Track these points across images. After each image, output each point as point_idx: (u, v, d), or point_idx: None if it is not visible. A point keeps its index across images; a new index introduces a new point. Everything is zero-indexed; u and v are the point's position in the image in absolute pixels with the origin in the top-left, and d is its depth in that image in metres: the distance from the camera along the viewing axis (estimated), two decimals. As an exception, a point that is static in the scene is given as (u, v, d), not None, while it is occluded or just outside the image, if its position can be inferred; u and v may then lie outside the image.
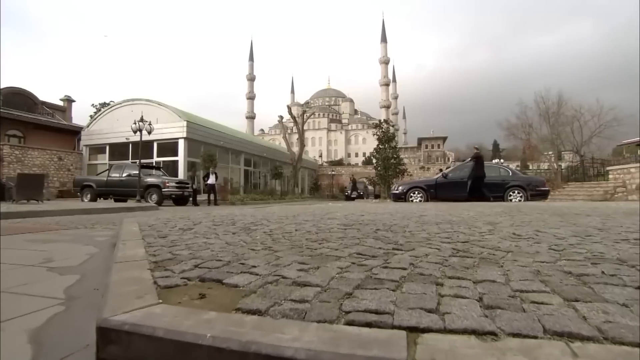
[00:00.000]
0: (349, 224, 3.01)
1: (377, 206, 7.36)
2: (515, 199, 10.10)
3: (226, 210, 6.89)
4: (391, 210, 5.22)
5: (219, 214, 4.94)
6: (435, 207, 6.33)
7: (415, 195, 10.67)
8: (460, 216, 3.91)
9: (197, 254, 1.68)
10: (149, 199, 13.54)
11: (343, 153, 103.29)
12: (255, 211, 5.79)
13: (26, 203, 10.11)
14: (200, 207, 13.79)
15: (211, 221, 3.47)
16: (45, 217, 6.61)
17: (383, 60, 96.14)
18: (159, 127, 19.37)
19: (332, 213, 4.65)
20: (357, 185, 29.76)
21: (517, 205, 7.35)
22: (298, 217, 3.98)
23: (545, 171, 36.23)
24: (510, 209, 5.50)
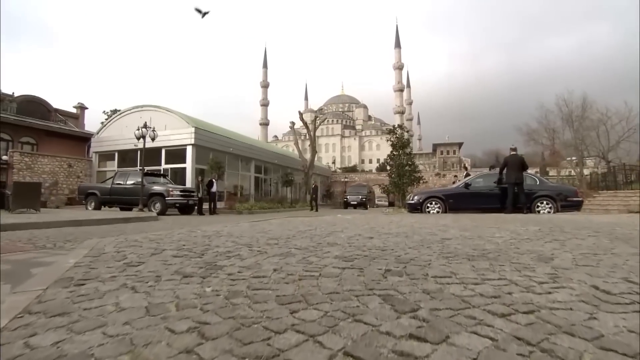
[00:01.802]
0: (350, 258, 2.28)
1: (389, 220, 6.58)
2: (544, 210, 9.14)
3: (220, 224, 6.23)
4: (406, 229, 4.45)
5: (204, 232, 4.27)
6: (457, 223, 5.51)
7: (432, 206, 9.81)
8: (493, 241, 3.12)
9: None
10: (153, 207, 13.09)
11: (357, 159, 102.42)
12: (250, 227, 5.10)
13: (25, 212, 9.72)
14: (205, 216, 13.25)
15: (178, 249, 2.78)
16: (30, 230, 6.11)
17: (397, 65, 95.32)
18: (167, 133, 19.13)
19: (335, 233, 3.92)
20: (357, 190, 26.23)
21: (551, 219, 6.44)
22: (291, 240, 3.27)
23: (567, 177, 34.53)
24: (547, 226, 4.65)
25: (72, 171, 20.39)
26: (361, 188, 27.58)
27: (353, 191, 26.89)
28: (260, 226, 5.22)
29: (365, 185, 29.19)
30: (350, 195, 25.59)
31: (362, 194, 25.65)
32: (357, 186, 28.81)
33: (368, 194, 27.11)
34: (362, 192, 26.31)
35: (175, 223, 8.60)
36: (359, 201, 24.30)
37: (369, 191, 27.99)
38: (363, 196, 25.43)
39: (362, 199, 24.94)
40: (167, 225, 7.46)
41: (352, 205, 23.91)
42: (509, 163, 8.79)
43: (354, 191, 26.80)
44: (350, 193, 26.08)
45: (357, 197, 24.71)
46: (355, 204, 23.93)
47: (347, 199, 25.04)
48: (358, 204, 24.22)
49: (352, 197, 24.82)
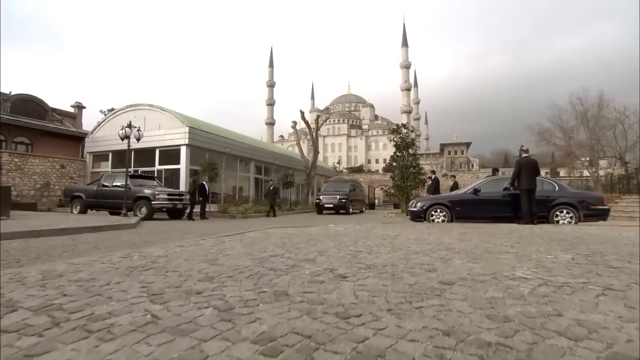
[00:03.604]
0: (285, 338, 1.36)
1: (384, 236, 5.63)
2: (564, 220, 8.10)
3: (191, 236, 5.34)
4: (399, 256, 3.51)
5: (141, 256, 3.37)
6: (464, 243, 4.56)
7: (437, 214, 8.82)
8: (514, 289, 2.17)
9: None
10: (139, 212, 12.31)
11: (363, 159, 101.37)
12: (211, 247, 4.20)
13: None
14: (193, 222, 12.43)
15: (40, 307, 1.87)
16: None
17: (404, 64, 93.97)
18: (161, 133, 18.41)
19: (301, 266, 3.00)
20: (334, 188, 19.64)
21: (579, 235, 5.43)
22: (226, 284, 2.35)
23: (580, 179, 32.98)
24: (581, 251, 3.66)
25: (65, 172, 19.76)
26: (340, 185, 20.09)
27: (329, 189, 19.65)
28: (224, 245, 4.31)
29: (348, 181, 21.47)
30: (324, 195, 18.65)
31: (341, 193, 18.53)
32: (336, 182, 21.18)
33: (351, 192, 19.59)
34: (341, 190, 18.95)
35: (148, 233, 7.75)
36: (335, 203, 17.93)
37: (352, 189, 20.06)
38: (342, 196, 18.32)
39: (340, 200, 18.06)
40: (132, 238, 6.60)
41: (328, 208, 18.17)
42: (523, 167, 7.77)
43: (330, 189, 19.54)
44: (325, 192, 19.11)
45: (334, 197, 18.01)
46: (330, 206, 17.92)
47: (320, 200, 18.45)
48: (335, 207, 17.98)
49: (327, 199, 18.21)
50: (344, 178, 24.70)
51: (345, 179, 24.00)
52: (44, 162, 18.87)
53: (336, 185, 20.40)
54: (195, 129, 18.38)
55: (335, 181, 22.25)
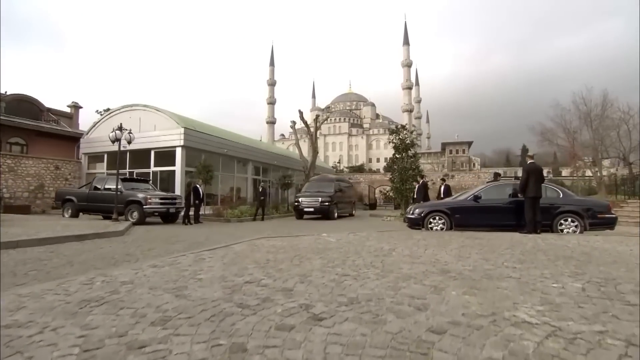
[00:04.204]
0: None
1: (377, 250, 5.29)
2: (569, 229, 7.74)
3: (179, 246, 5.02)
4: (397, 270, 3.17)
5: (114, 280, 3.04)
6: (461, 262, 4.22)
7: (435, 222, 8.47)
8: (519, 344, 1.84)
9: None
10: (130, 216, 12.01)
11: (364, 158, 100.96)
12: (191, 266, 3.87)
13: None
14: (187, 226, 12.12)
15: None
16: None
17: (405, 63, 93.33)
18: (156, 134, 18.12)
19: (302, 278, 2.67)
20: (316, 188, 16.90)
21: (586, 251, 5.08)
22: (211, 313, 2.01)
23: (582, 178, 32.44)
24: (592, 276, 3.32)
25: (59, 173, 19.48)
26: (324, 184, 17.10)
27: (310, 190, 16.94)
28: (202, 265, 3.97)
29: (334, 180, 18.14)
30: (304, 197, 16.07)
31: (323, 194, 15.78)
32: (320, 181, 18.09)
33: (337, 194, 16.81)
34: (324, 191, 16.21)
35: (132, 243, 7.42)
36: (317, 207, 15.38)
37: (339, 189, 17.20)
38: (325, 198, 15.61)
39: (323, 203, 15.43)
40: (113, 250, 6.27)
41: (308, 212, 15.92)
42: (531, 173, 7.41)
43: (311, 190, 16.87)
44: (306, 194, 16.54)
45: (315, 200, 15.42)
46: (311, 210, 15.52)
47: (299, 203, 15.96)
48: (316, 211, 15.52)
49: (307, 201, 15.73)
50: (329, 176, 20.63)
51: (330, 177, 20.00)
52: (37, 164, 18.58)
53: (319, 185, 17.53)
54: (191, 130, 18.05)
55: (318, 180, 18.82)
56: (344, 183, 20.18)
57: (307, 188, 17.92)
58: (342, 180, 21.06)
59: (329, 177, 20.05)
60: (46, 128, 22.85)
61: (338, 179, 19.67)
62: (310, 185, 18.32)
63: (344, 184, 19.73)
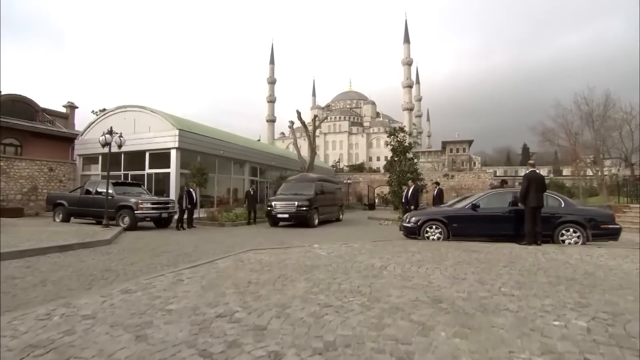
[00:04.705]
0: None
1: (371, 264, 5.01)
2: (570, 240, 7.45)
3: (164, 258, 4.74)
4: (385, 298, 2.89)
5: (75, 314, 2.77)
6: (456, 286, 3.94)
7: (432, 231, 8.19)
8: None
9: None
10: (121, 222, 11.77)
11: (364, 157, 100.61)
12: (166, 291, 3.60)
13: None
14: (180, 232, 11.87)
15: None
16: None
17: (406, 61, 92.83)
18: (151, 135, 17.87)
19: (280, 311, 2.40)
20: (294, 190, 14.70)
21: (584, 261, 4.80)
22: None
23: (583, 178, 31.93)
24: (598, 310, 3.03)
25: (53, 175, 19.22)
26: (304, 185, 14.91)
27: (286, 192, 14.77)
28: (177, 290, 3.70)
29: (313, 180, 15.51)
30: (278, 201, 13.98)
31: (301, 198, 13.74)
32: (299, 181, 15.68)
33: (319, 196, 14.64)
34: (302, 194, 14.10)
35: (118, 254, 7.16)
36: (292, 213, 13.39)
37: (320, 191, 15.01)
38: (303, 202, 13.53)
39: (300, 208, 13.36)
40: (95, 265, 5.99)
41: (283, 219, 13.89)
42: (532, 182, 7.12)
43: (287, 192, 14.69)
44: (280, 197, 14.37)
45: (290, 204, 13.44)
46: (285, 217, 13.57)
47: (272, 208, 13.83)
48: (292, 217, 13.52)
49: (281, 206, 13.67)
50: (310, 175, 17.37)
51: (311, 176, 16.93)
52: (31, 166, 18.32)
53: (297, 187, 15.06)
54: (186, 132, 17.77)
55: (297, 180, 16.08)
56: (328, 183, 17.79)
57: (283, 190, 15.36)
58: (326, 180, 18.38)
59: (309, 176, 17.10)
60: (41, 129, 22.56)
61: (321, 179, 17.00)
62: (286, 186, 15.79)
63: (328, 185, 17.39)
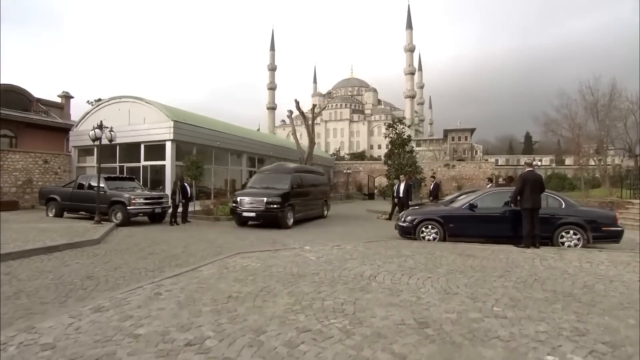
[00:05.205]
0: None
1: (361, 272, 4.80)
2: (570, 242, 7.22)
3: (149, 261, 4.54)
4: (369, 320, 2.68)
5: (34, 343, 2.58)
6: (452, 281, 3.73)
7: (428, 231, 7.97)
8: None
9: None
10: (114, 217, 11.61)
11: (365, 145, 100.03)
12: (140, 308, 3.40)
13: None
14: (173, 227, 11.71)
15: None
16: None
17: (408, 48, 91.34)
18: (146, 127, 17.58)
19: (254, 338, 2.20)
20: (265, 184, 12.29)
21: (582, 271, 4.58)
22: None
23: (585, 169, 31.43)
24: (598, 328, 2.82)
25: (48, 167, 19.02)
26: (277, 178, 12.48)
27: (256, 185, 12.43)
28: (151, 307, 3.50)
29: (290, 171, 13.07)
30: (245, 196, 11.59)
31: (272, 193, 11.41)
32: (273, 172, 13.16)
33: (295, 190, 12.31)
34: (275, 187, 11.83)
35: (105, 256, 6.98)
36: (261, 211, 11.11)
37: (298, 184, 12.72)
38: (274, 199, 11.18)
39: (269, 205, 11.07)
40: (79, 269, 5.80)
41: (250, 219, 11.56)
42: (527, 183, 6.86)
43: (257, 186, 12.33)
44: (247, 192, 11.97)
45: (259, 201, 11.16)
46: (252, 216, 11.27)
47: (238, 204, 11.52)
48: (259, 216, 11.27)
49: (248, 202, 11.34)
50: (286, 165, 14.35)
51: (289, 166, 14.08)
52: (25, 158, 18.10)
53: (270, 179, 12.49)
54: (181, 123, 17.44)
55: (272, 171, 13.40)
56: (310, 175, 14.80)
57: (254, 182, 12.90)
58: (308, 170, 15.51)
59: (285, 166, 14.08)
60: (35, 119, 22.25)
61: (300, 169, 14.21)
62: (258, 178, 13.19)
63: (310, 177, 14.47)
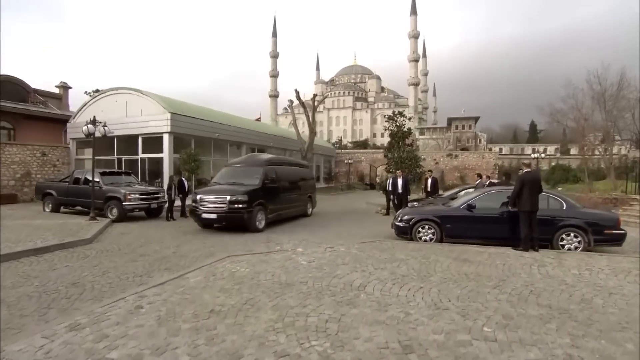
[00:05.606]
0: None
1: (351, 281, 4.65)
2: (570, 244, 7.02)
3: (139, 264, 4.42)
4: (351, 342, 2.54)
5: None
6: (444, 292, 3.57)
7: (424, 231, 7.79)
8: None
9: None
10: (109, 213, 11.54)
11: (369, 133, 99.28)
12: (117, 327, 3.28)
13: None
14: (170, 222, 11.63)
15: None
16: None
17: (412, 34, 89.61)
18: (143, 119, 17.42)
19: None
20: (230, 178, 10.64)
21: (581, 281, 4.39)
22: None
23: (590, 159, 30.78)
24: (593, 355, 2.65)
25: (46, 160, 18.92)
26: (247, 171, 10.65)
27: (222, 181, 10.70)
28: (128, 325, 3.37)
29: (262, 164, 10.87)
30: (206, 194, 9.68)
31: (238, 190, 9.56)
32: (242, 167, 11.16)
33: (267, 186, 10.23)
34: (243, 183, 10.06)
35: (95, 258, 6.87)
36: (222, 212, 9.36)
37: (271, 179, 10.50)
38: (238, 197, 9.28)
39: (233, 205, 9.23)
40: (66, 274, 5.69)
41: (211, 221, 9.83)
42: (526, 184, 6.63)
43: (223, 181, 10.64)
44: (210, 190, 10.10)
45: (221, 200, 9.33)
46: (213, 218, 9.57)
47: (198, 204, 9.67)
48: (221, 218, 9.58)
49: (209, 202, 9.52)
50: (259, 157, 12.43)
51: (262, 158, 11.84)
52: (23, 150, 17.99)
53: (240, 173, 10.64)
54: (178, 115, 17.22)
55: (243, 163, 11.38)
56: (289, 168, 12.46)
57: (220, 178, 10.94)
58: (286, 162, 13.12)
59: (258, 157, 11.93)
60: (32, 111, 22.07)
61: (275, 161, 11.77)
62: (225, 172, 11.15)
63: (288, 170, 12.16)
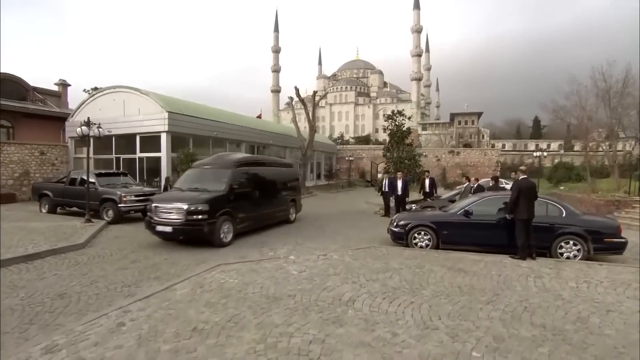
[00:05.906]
0: None
1: (341, 295, 4.52)
2: (569, 253, 6.86)
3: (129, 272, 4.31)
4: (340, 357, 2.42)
5: None
6: (435, 308, 3.44)
7: (420, 237, 7.64)
8: None
9: None
10: (105, 215, 11.47)
11: (371, 128, 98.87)
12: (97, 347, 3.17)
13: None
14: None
15: None
16: None
17: (415, 28, 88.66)
18: (141, 118, 17.32)
19: None
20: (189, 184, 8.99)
21: (579, 296, 4.25)
22: None
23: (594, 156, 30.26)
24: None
25: (45, 159, 18.87)
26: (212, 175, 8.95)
27: (182, 187, 8.93)
28: (109, 346, 3.26)
29: (230, 165, 9.07)
30: (162, 202, 8.04)
31: (199, 197, 7.85)
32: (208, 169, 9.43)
33: (237, 191, 8.59)
34: (205, 189, 8.36)
35: (86, 265, 6.79)
36: (178, 224, 7.57)
37: (240, 183, 8.85)
38: (198, 206, 7.58)
39: (191, 216, 7.49)
40: (55, 283, 5.60)
41: (165, 235, 8.00)
42: (522, 191, 6.48)
43: (184, 186, 8.94)
44: (167, 198, 8.41)
45: (177, 212, 7.60)
46: (168, 231, 7.74)
47: (152, 214, 8.05)
48: (176, 232, 7.69)
49: (164, 211, 7.82)
50: (228, 157, 10.03)
51: (231, 158, 9.86)
52: (21, 150, 17.93)
53: (205, 175, 9.21)
54: (176, 114, 17.09)
55: (209, 165, 9.77)
56: (267, 168, 10.82)
57: (182, 182, 9.43)
58: (263, 162, 11.54)
59: (227, 157, 10.08)
60: (31, 109, 21.99)
61: (248, 161, 10.12)
62: (188, 175, 9.75)
63: (266, 170, 10.61)
